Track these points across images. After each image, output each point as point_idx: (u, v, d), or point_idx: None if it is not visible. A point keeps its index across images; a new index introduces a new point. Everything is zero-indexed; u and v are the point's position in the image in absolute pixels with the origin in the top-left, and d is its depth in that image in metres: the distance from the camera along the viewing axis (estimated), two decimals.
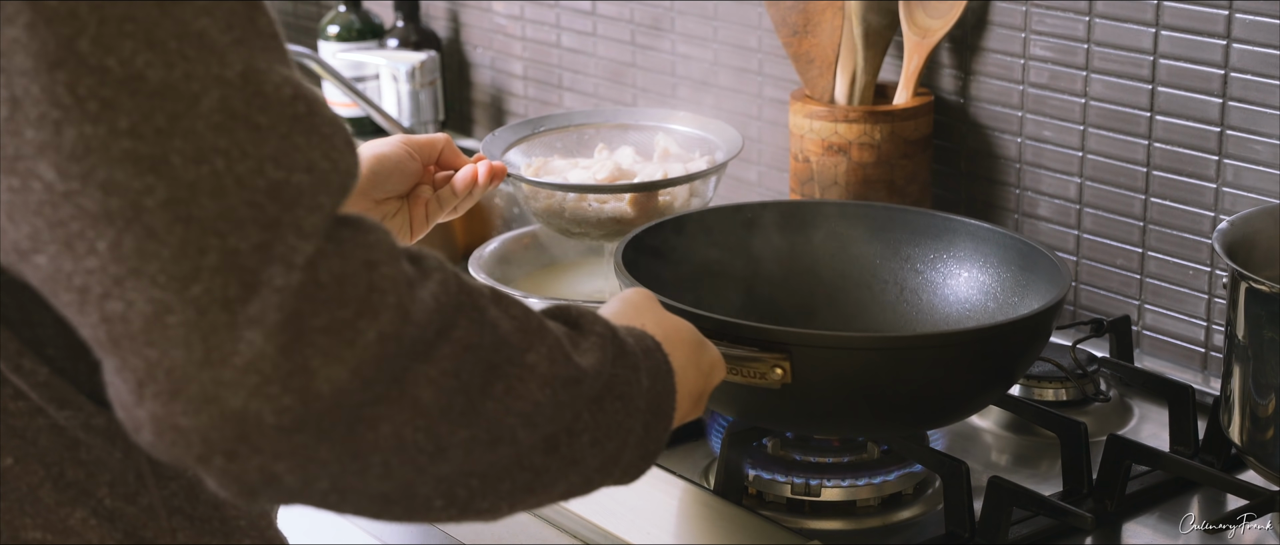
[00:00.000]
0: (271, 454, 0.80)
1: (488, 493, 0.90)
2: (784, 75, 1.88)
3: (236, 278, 0.78)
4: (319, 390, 0.79)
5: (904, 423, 1.31)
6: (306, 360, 0.79)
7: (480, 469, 0.88)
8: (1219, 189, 1.53)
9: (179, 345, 0.78)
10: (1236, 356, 1.28)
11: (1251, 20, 1.47)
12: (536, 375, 0.89)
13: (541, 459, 0.91)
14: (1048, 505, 1.26)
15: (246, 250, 0.78)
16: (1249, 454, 1.30)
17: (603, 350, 0.95)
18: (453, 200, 1.40)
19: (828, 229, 1.52)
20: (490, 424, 0.87)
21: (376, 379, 0.81)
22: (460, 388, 0.85)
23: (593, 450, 0.94)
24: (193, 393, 0.78)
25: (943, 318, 1.48)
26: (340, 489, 0.84)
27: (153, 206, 0.77)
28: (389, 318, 0.81)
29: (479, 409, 0.86)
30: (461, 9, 2.32)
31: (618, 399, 0.96)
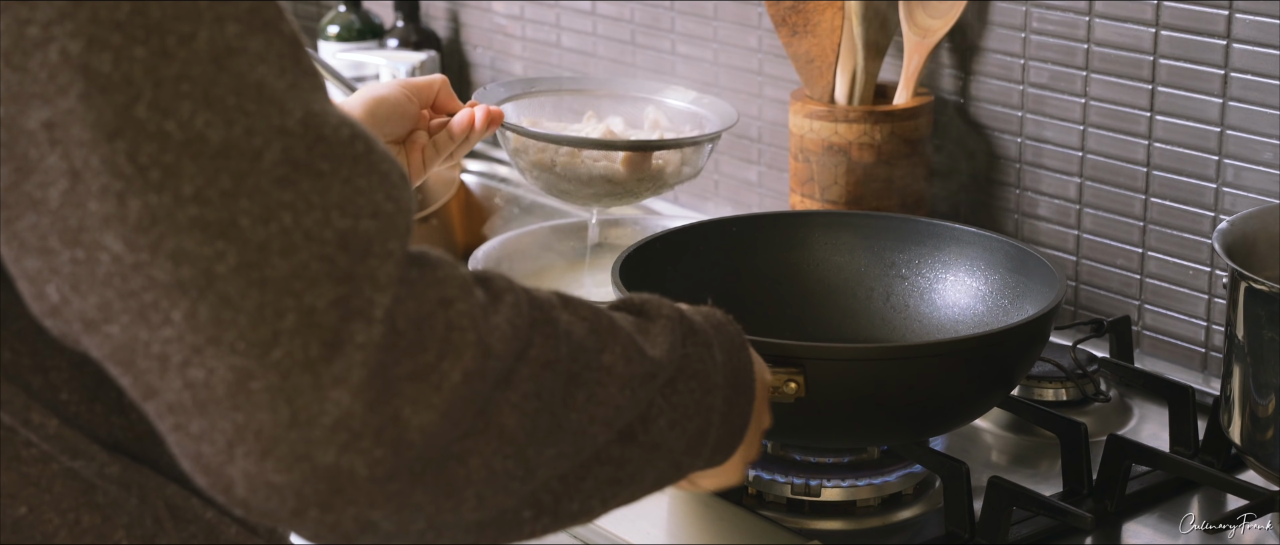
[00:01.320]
0: (367, 503, 0.79)
1: (572, 494, 0.89)
2: (784, 75, 1.88)
3: (316, 338, 0.77)
4: (411, 439, 0.79)
5: (910, 431, 1.31)
6: (396, 411, 0.78)
7: (564, 473, 0.88)
8: (1219, 189, 1.53)
9: (265, 409, 0.77)
10: (1236, 356, 1.28)
11: (1251, 20, 1.47)
12: (614, 376, 0.90)
13: (619, 450, 0.91)
14: (1048, 505, 1.26)
15: (323, 308, 0.77)
16: (1249, 454, 1.30)
17: (671, 333, 0.95)
18: (449, 146, 1.38)
19: (817, 239, 1.52)
20: (575, 435, 0.87)
21: (463, 416, 0.80)
22: (543, 407, 0.85)
23: (673, 433, 0.94)
24: (283, 452, 0.77)
25: (935, 325, 1.48)
26: (437, 526, 0.83)
27: (225, 273, 0.76)
28: (471, 355, 0.80)
29: (563, 424, 0.86)
30: (461, 9, 2.32)
31: (691, 378, 0.95)
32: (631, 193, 1.57)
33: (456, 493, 0.82)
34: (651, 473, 0.94)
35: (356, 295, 0.78)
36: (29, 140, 0.76)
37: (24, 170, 0.76)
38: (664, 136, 1.61)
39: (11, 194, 0.77)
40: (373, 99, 1.32)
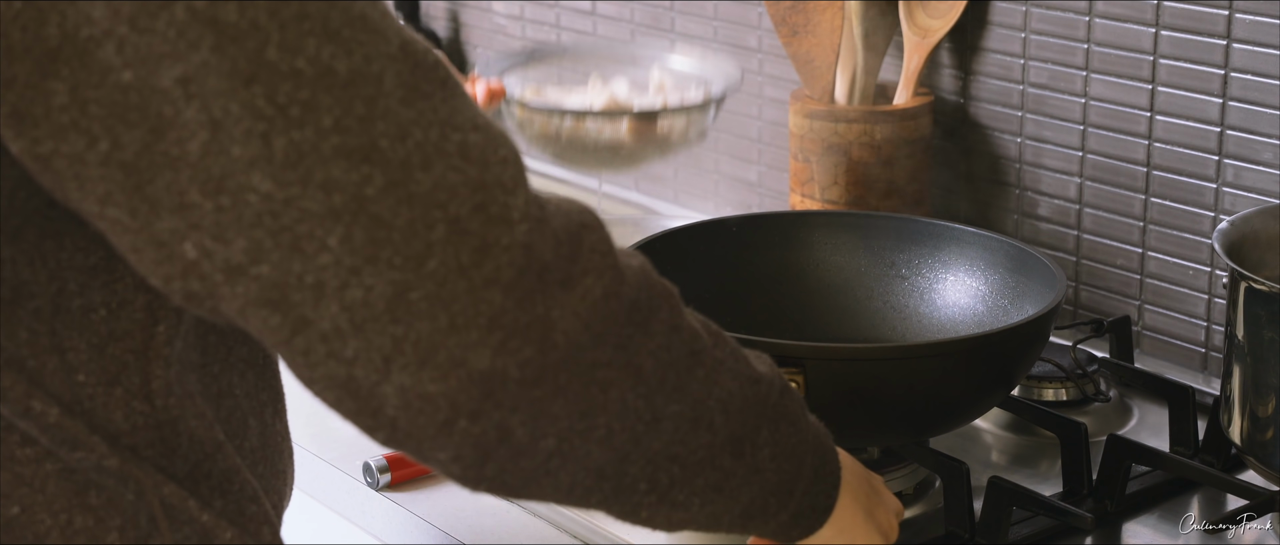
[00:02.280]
0: (510, 408, 0.83)
1: (685, 484, 0.93)
2: (784, 75, 1.88)
3: (467, 244, 0.81)
4: (556, 340, 0.83)
5: (910, 431, 1.31)
6: (546, 311, 0.82)
7: (683, 454, 0.92)
8: (1219, 189, 1.53)
9: (424, 318, 0.80)
10: (1236, 356, 1.28)
11: (1251, 20, 1.47)
12: (725, 368, 0.94)
13: (730, 461, 0.95)
14: (1048, 505, 1.26)
15: (467, 215, 0.81)
16: (1249, 454, 1.30)
17: (772, 367, 1.00)
18: None
19: (817, 239, 1.52)
20: (695, 403, 0.91)
21: (605, 336, 0.85)
22: (671, 363, 0.89)
23: (772, 465, 0.98)
24: (441, 359, 0.81)
25: (935, 325, 1.48)
26: (563, 452, 0.87)
27: (374, 194, 0.80)
28: (611, 276, 0.85)
29: (687, 387, 0.90)
30: (461, 9, 2.32)
31: (790, 424, 0.99)
32: (639, 158, 1.55)
33: (590, 415, 0.86)
34: (746, 496, 0.97)
35: (492, 201, 0.82)
36: (163, 98, 0.78)
37: (158, 130, 0.78)
38: (668, 99, 1.60)
39: (144, 157, 0.79)
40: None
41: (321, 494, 1.46)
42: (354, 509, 1.43)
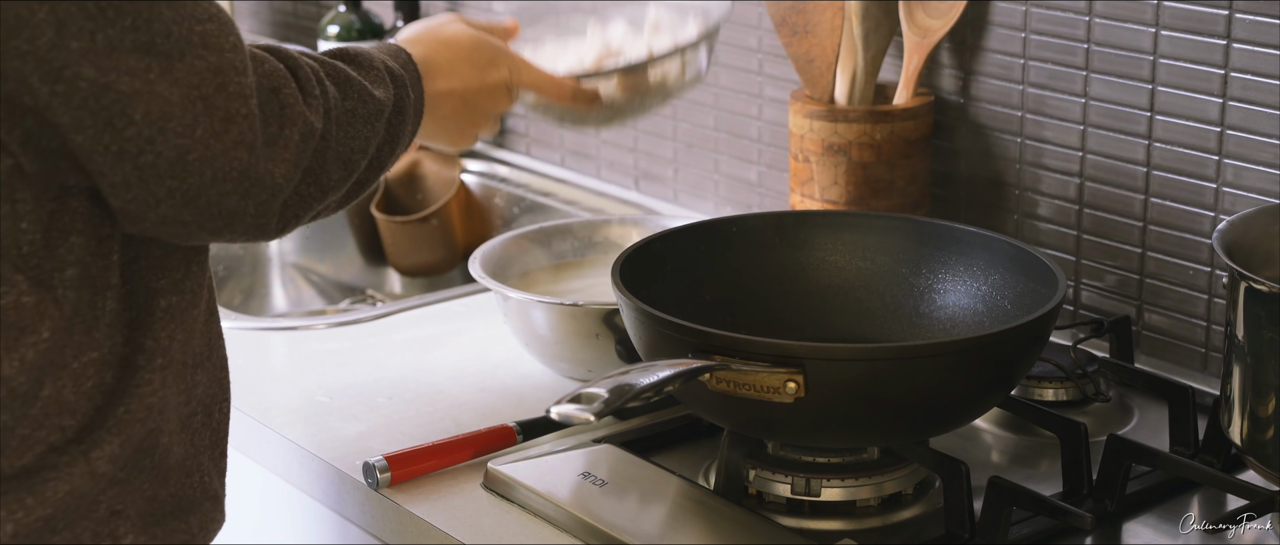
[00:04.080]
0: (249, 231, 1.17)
1: (346, 200, 1.27)
2: (784, 75, 1.88)
3: (217, 115, 1.10)
4: (278, 182, 1.15)
5: (910, 431, 1.31)
6: (270, 165, 1.14)
7: (343, 192, 1.24)
8: (1219, 189, 1.53)
9: (195, 173, 1.12)
10: (1236, 356, 1.28)
11: (1251, 20, 1.47)
12: (357, 117, 1.23)
13: (368, 173, 1.26)
14: (1048, 505, 1.26)
15: (213, 93, 1.10)
16: (1249, 454, 1.30)
17: (385, 81, 1.27)
18: None
19: (817, 239, 1.52)
20: (345, 162, 1.22)
21: (301, 163, 1.16)
22: (333, 150, 1.20)
23: (390, 155, 1.29)
24: (202, 203, 1.14)
25: (935, 325, 1.48)
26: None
27: (155, 78, 1.07)
28: (301, 122, 1.15)
29: (342, 155, 1.21)
30: (461, 9, 2.32)
31: (398, 115, 1.28)
32: (639, 109, 1.52)
33: (287, 221, 1.18)
34: (378, 178, 1.30)
35: (230, 82, 1.10)
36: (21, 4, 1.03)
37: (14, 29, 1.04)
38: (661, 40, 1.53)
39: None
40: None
41: (321, 494, 1.46)
42: (354, 509, 1.43)
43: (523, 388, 1.58)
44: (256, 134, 1.11)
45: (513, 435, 1.45)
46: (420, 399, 1.56)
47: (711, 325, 1.26)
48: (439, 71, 1.36)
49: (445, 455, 1.42)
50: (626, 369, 1.22)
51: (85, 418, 1.14)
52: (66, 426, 1.13)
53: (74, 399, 1.13)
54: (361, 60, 1.28)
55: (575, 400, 1.18)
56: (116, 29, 1.05)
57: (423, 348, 1.68)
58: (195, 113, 1.08)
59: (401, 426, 1.50)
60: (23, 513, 1.12)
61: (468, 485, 1.40)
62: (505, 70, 1.41)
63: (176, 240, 1.16)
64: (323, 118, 1.18)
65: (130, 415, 1.15)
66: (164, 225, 1.13)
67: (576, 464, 1.39)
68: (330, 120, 1.19)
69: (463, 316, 1.75)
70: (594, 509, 1.32)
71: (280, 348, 1.69)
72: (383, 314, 1.77)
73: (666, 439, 1.46)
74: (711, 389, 1.26)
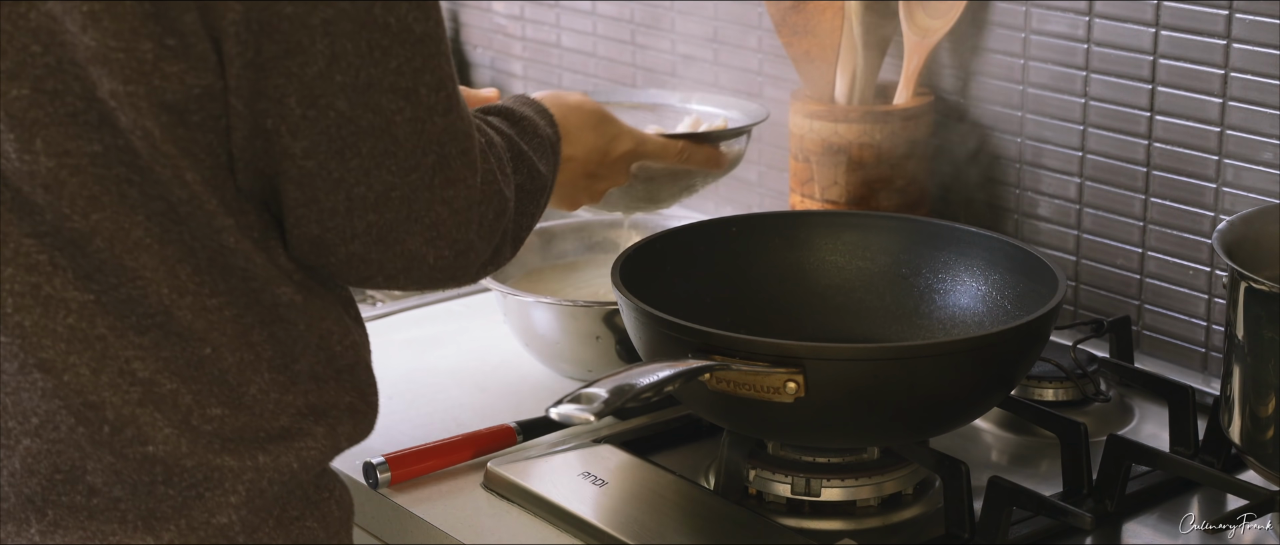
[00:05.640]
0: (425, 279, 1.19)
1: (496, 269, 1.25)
2: (784, 75, 1.88)
3: (443, 172, 1.12)
4: (470, 257, 1.17)
5: (910, 431, 1.31)
6: (472, 236, 1.16)
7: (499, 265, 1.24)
8: (1219, 189, 1.53)
9: (392, 209, 1.12)
10: (1236, 356, 1.28)
11: (1251, 20, 1.47)
12: (526, 193, 1.24)
13: (522, 238, 1.26)
14: (1048, 505, 1.26)
15: (454, 154, 1.12)
16: (1249, 454, 1.30)
17: (542, 150, 1.28)
18: None
19: (817, 239, 1.52)
20: (517, 239, 1.24)
21: (493, 238, 1.19)
22: (517, 230, 1.24)
23: (533, 221, 1.28)
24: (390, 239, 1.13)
25: (934, 324, 1.48)
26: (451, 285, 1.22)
27: (400, 122, 1.08)
28: (502, 206, 1.18)
29: (520, 234, 1.24)
30: (461, 9, 2.32)
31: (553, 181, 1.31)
32: (705, 182, 1.56)
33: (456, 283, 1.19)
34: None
35: (470, 150, 1.14)
36: (304, 30, 1.03)
37: (291, 51, 1.03)
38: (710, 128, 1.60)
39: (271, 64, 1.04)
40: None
41: None
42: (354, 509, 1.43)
43: (523, 388, 1.58)
44: (471, 205, 1.13)
45: (513, 435, 1.45)
46: (420, 399, 1.56)
47: (711, 325, 1.26)
48: (568, 136, 1.35)
49: (445, 455, 1.42)
50: (626, 369, 1.22)
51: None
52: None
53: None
54: (527, 128, 1.28)
55: (575, 400, 1.18)
56: (381, 69, 1.06)
57: (423, 348, 1.68)
58: (425, 164, 1.10)
59: (401, 426, 1.50)
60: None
61: (468, 485, 1.40)
62: (630, 143, 1.42)
63: (353, 282, 1.15)
64: (514, 196, 1.21)
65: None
66: (350, 263, 1.12)
67: (576, 464, 1.39)
68: (520, 205, 1.22)
69: (463, 316, 1.75)
70: (594, 509, 1.32)
71: None
72: (383, 314, 1.77)
73: (666, 439, 1.46)
74: (711, 389, 1.26)
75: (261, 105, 1.04)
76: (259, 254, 1.09)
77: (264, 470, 1.11)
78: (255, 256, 1.09)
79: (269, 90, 1.04)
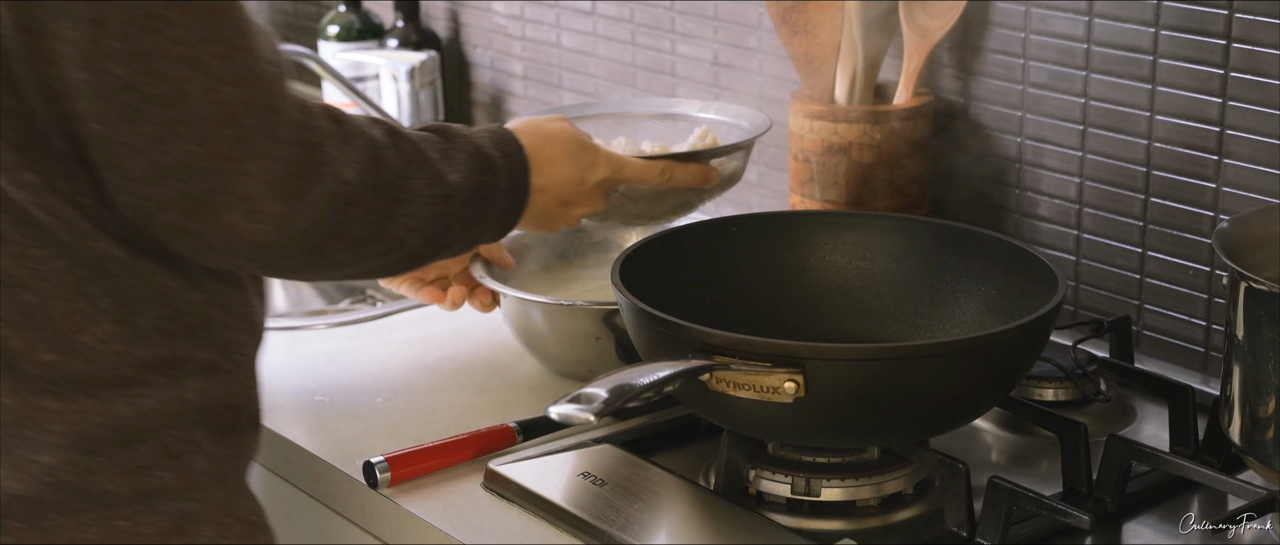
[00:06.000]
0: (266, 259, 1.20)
1: (394, 269, 1.29)
2: (784, 75, 1.88)
3: (247, 144, 1.14)
4: (300, 224, 1.16)
5: (910, 431, 1.31)
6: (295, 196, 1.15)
7: (385, 263, 1.26)
8: (1219, 189, 1.53)
9: (199, 179, 1.14)
10: (1236, 356, 1.28)
11: (1251, 20, 1.47)
12: (419, 197, 1.24)
13: (425, 250, 1.27)
14: (1048, 505, 1.26)
15: (255, 125, 1.13)
16: (1249, 454, 1.30)
17: (469, 165, 1.29)
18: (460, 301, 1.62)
19: (817, 239, 1.52)
20: (391, 239, 1.23)
21: (325, 222, 1.18)
22: (375, 220, 1.21)
23: (462, 239, 1.30)
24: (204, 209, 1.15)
25: (935, 324, 1.48)
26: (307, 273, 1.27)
27: (193, 92, 1.10)
28: (332, 183, 1.17)
29: (385, 231, 1.23)
30: (461, 9, 2.32)
31: (481, 201, 1.30)
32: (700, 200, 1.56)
33: (312, 270, 1.23)
34: (439, 257, 1.30)
35: (272, 121, 1.14)
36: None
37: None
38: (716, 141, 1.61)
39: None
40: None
41: (321, 494, 1.46)
42: (354, 509, 1.43)
43: (523, 388, 1.58)
44: (279, 179, 1.14)
45: (513, 435, 1.45)
46: (420, 399, 1.56)
47: (711, 325, 1.26)
48: (539, 167, 1.36)
49: (445, 455, 1.42)
50: (626, 369, 1.22)
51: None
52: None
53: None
54: (455, 141, 1.30)
55: (575, 400, 1.18)
56: (161, 38, 1.08)
57: (423, 348, 1.68)
58: (222, 134, 1.12)
59: (401, 426, 1.50)
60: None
61: (468, 485, 1.40)
62: (606, 170, 1.42)
63: (191, 256, 1.18)
64: (365, 187, 1.19)
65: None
66: (177, 235, 1.15)
67: (576, 464, 1.39)
68: (378, 193, 1.21)
69: (463, 316, 1.75)
70: (594, 509, 1.32)
71: (280, 348, 1.69)
72: (383, 314, 1.77)
73: (666, 439, 1.46)
74: (711, 389, 1.26)
75: (41, 68, 1.09)
76: (68, 209, 1.13)
77: (89, 413, 1.16)
78: (64, 212, 1.13)
79: (44, 52, 1.08)
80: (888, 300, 1.51)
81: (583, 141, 1.40)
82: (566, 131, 1.40)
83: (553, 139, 1.38)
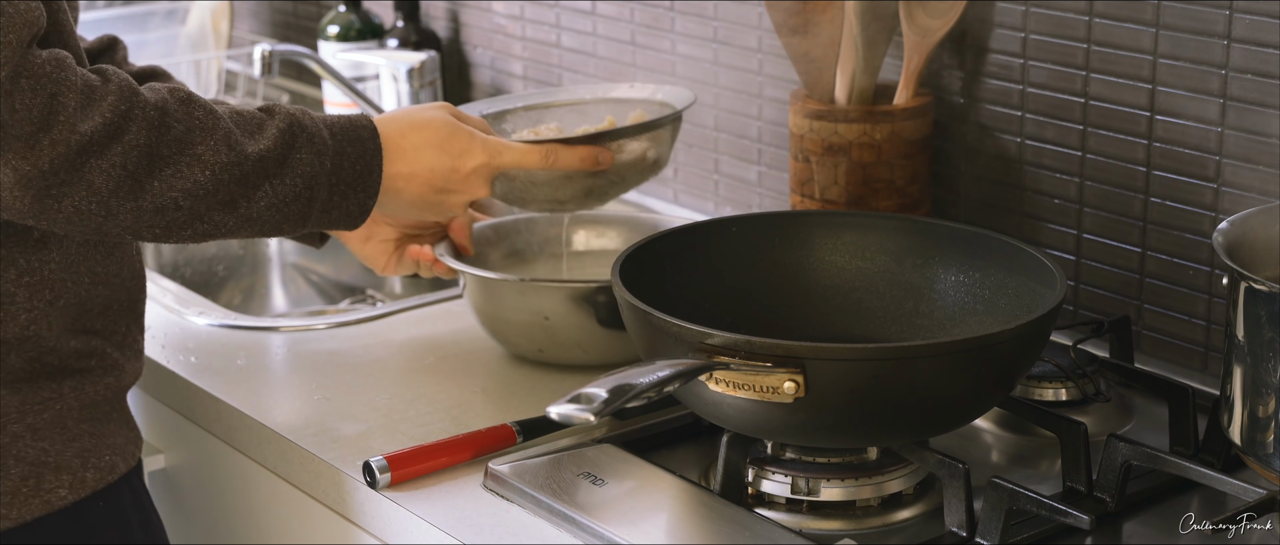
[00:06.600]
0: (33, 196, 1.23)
1: (179, 231, 1.29)
2: (784, 75, 1.88)
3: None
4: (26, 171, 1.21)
5: (910, 431, 1.31)
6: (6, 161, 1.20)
7: (159, 222, 1.27)
8: (1219, 189, 1.53)
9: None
10: (1236, 356, 1.28)
11: (1251, 20, 1.47)
12: (201, 162, 1.26)
13: (221, 215, 1.29)
14: (1048, 505, 1.26)
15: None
16: (1249, 454, 1.30)
17: (277, 138, 1.31)
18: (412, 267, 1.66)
19: (817, 239, 1.52)
20: (154, 198, 1.25)
21: (57, 173, 1.21)
22: (127, 175, 1.24)
23: (271, 213, 1.31)
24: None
25: (935, 324, 1.48)
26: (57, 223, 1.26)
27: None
28: (60, 132, 1.21)
29: (145, 188, 1.25)
30: (461, 9, 2.32)
31: (296, 177, 1.31)
32: (614, 187, 1.57)
33: (49, 216, 1.24)
34: (251, 229, 1.32)
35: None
36: None
37: None
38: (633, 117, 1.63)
39: None
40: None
41: (321, 494, 1.46)
42: (354, 509, 1.43)
43: (523, 388, 1.58)
44: (5, 123, 1.19)
45: (513, 435, 1.45)
46: (420, 399, 1.56)
47: (711, 325, 1.26)
48: (402, 155, 1.39)
49: (445, 455, 1.42)
50: (626, 369, 1.22)
51: None
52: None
53: None
54: (273, 115, 1.33)
55: (575, 400, 1.18)
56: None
57: (423, 348, 1.68)
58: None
59: (401, 426, 1.50)
60: None
61: (468, 485, 1.40)
62: (481, 156, 1.43)
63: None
64: (114, 140, 1.23)
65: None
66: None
67: (576, 464, 1.39)
68: (135, 150, 1.24)
69: (463, 316, 1.75)
70: (594, 509, 1.32)
71: (280, 348, 1.69)
72: (383, 314, 1.77)
73: (666, 439, 1.46)
74: (711, 389, 1.26)
75: None
76: None
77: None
78: None
79: None
80: (888, 300, 1.51)
81: (454, 129, 1.42)
82: (437, 120, 1.42)
83: (421, 127, 1.41)
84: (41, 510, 1.34)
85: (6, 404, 1.32)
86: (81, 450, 1.36)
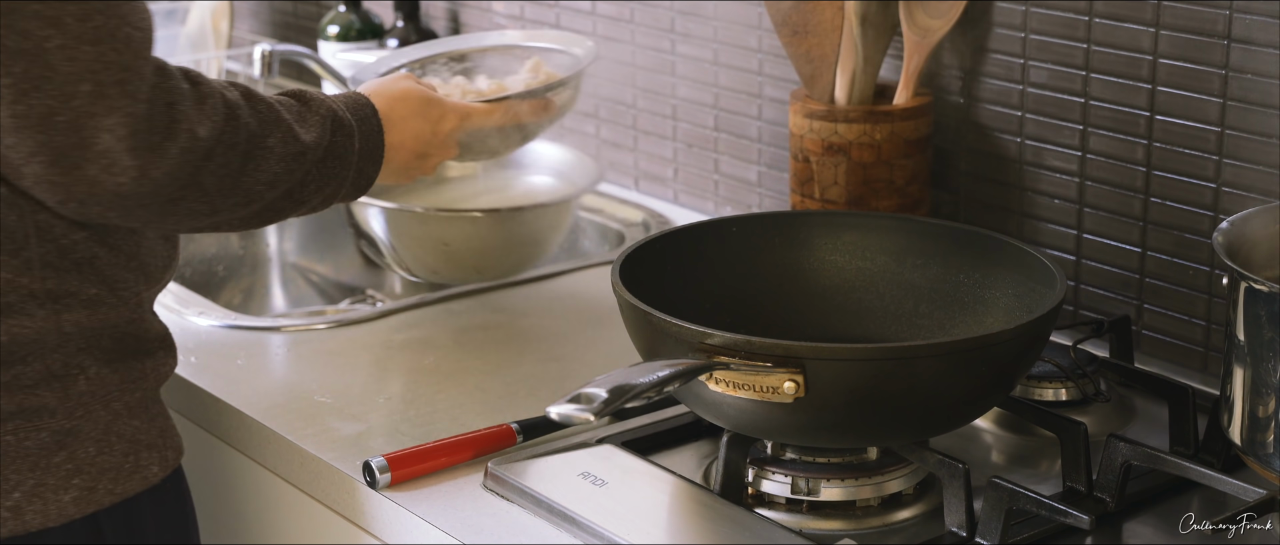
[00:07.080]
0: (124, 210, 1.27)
1: (254, 220, 1.36)
2: (784, 75, 1.88)
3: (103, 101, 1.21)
4: (156, 175, 1.24)
5: (910, 431, 1.31)
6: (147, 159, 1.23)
7: (246, 214, 1.34)
8: (1219, 189, 1.53)
9: (60, 133, 1.21)
10: (1236, 356, 1.28)
11: (1251, 20, 1.47)
12: (274, 155, 1.33)
13: (282, 203, 1.36)
14: (1048, 505, 1.26)
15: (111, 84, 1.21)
16: (1249, 454, 1.30)
17: (323, 126, 1.37)
18: None
19: (818, 239, 1.52)
20: (246, 192, 1.32)
21: (181, 175, 1.26)
22: (228, 174, 1.29)
23: (317, 193, 1.39)
24: (63, 163, 1.22)
25: (935, 325, 1.48)
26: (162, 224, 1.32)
27: (51, 48, 1.18)
28: (186, 139, 1.25)
29: (239, 185, 1.31)
30: (461, 9, 2.32)
31: (336, 159, 1.39)
32: (534, 133, 1.64)
33: (164, 220, 1.30)
34: (301, 209, 1.39)
35: (129, 81, 1.21)
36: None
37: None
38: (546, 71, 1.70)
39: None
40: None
41: (321, 494, 1.46)
42: (354, 509, 1.43)
43: (523, 388, 1.58)
44: (136, 134, 1.22)
45: (513, 435, 1.45)
46: (420, 399, 1.56)
47: (711, 325, 1.26)
48: (392, 126, 1.47)
49: (445, 455, 1.42)
50: (626, 369, 1.22)
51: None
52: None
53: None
54: (310, 104, 1.39)
55: (575, 400, 1.18)
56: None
57: (423, 348, 1.68)
58: (79, 90, 1.19)
59: (401, 426, 1.50)
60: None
61: (468, 485, 1.40)
62: (454, 120, 1.53)
63: (58, 207, 1.26)
64: (220, 143, 1.28)
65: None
66: (43, 184, 1.23)
67: (576, 464, 1.39)
68: (233, 150, 1.29)
69: (462, 316, 1.75)
70: (594, 509, 1.32)
71: (280, 348, 1.69)
72: (383, 314, 1.77)
73: (666, 439, 1.46)
74: (711, 389, 1.26)
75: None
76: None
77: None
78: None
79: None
80: (888, 300, 1.51)
81: (429, 98, 1.51)
82: (414, 90, 1.50)
83: (403, 99, 1.49)
84: (139, 486, 1.37)
85: (109, 382, 1.35)
86: (162, 429, 1.41)
